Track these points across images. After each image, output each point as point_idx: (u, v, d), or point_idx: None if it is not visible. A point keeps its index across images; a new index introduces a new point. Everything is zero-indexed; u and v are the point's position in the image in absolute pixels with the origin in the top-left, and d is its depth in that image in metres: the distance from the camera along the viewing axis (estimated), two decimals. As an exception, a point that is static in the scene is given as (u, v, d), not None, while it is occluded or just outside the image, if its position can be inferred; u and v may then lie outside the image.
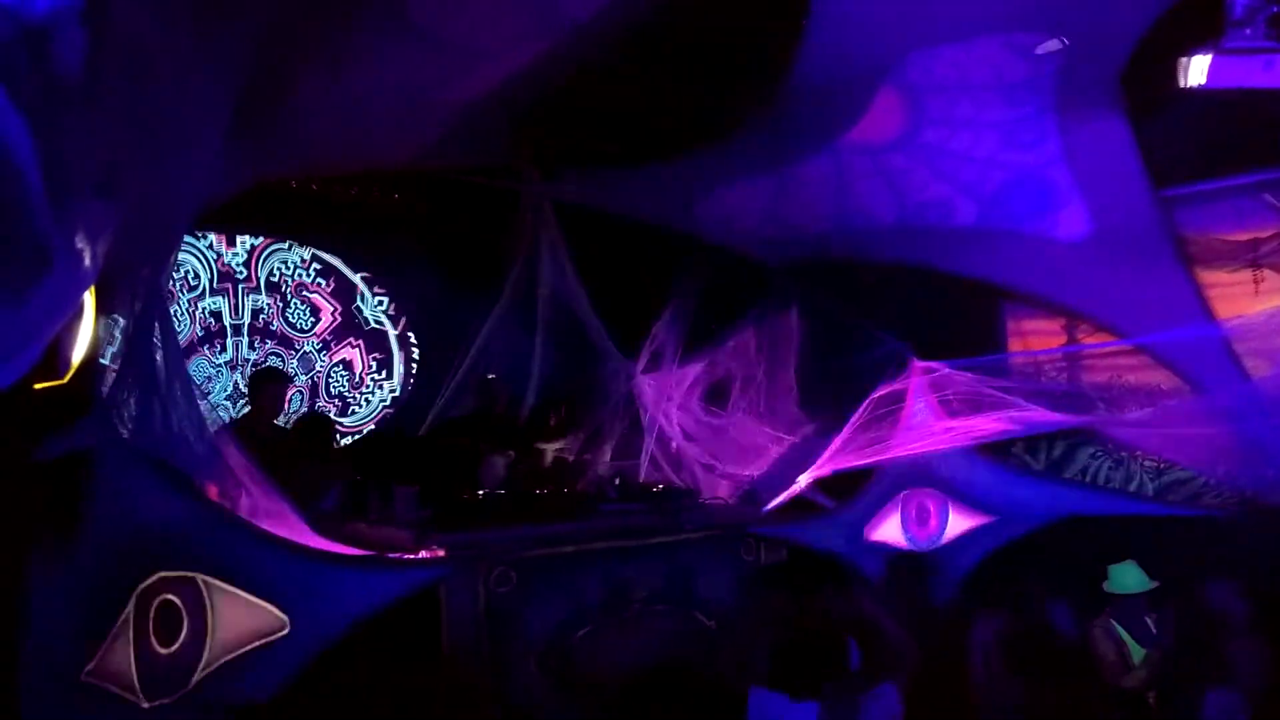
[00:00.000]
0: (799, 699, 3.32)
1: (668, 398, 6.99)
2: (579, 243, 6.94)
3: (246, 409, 5.79)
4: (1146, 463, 6.08)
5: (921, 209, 5.71)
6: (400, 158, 5.42)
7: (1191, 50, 3.80)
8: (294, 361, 7.34)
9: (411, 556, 4.59)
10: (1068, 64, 4.74)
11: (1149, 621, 4.68)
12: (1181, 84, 3.86)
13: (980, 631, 4.04)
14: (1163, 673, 4.19)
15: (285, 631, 3.77)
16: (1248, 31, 3.62)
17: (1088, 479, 6.30)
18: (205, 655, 3.52)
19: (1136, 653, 4.65)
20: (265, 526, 4.14)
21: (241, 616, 3.67)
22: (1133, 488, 6.12)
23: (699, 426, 7.02)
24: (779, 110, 5.18)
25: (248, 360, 7.13)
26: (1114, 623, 4.73)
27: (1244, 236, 5.51)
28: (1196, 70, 3.76)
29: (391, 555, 4.57)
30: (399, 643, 4.41)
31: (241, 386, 6.95)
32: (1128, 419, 6.01)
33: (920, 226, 5.80)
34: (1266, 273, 5.44)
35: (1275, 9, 3.59)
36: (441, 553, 4.59)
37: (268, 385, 5.56)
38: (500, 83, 4.54)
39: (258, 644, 3.71)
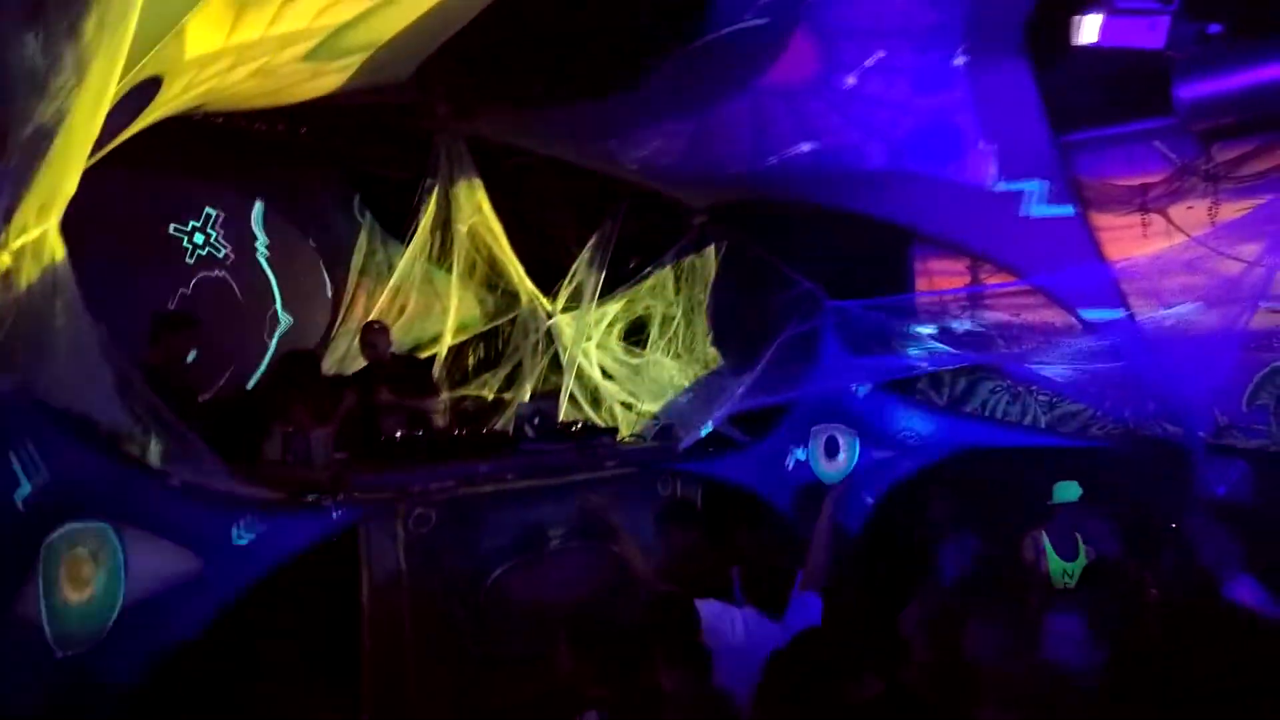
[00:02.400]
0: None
1: (587, 336, 7.07)
2: (496, 180, 6.87)
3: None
4: (1040, 397, 6.40)
5: (835, 152, 5.81)
6: (308, 93, 5.23)
7: (1086, 8, 3.93)
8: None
9: (329, 499, 4.59)
10: (976, 12, 4.84)
11: (1077, 536, 5.08)
12: (1075, 41, 4.00)
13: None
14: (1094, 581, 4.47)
15: (200, 577, 3.76)
16: (1136, -7, 3.77)
17: (987, 413, 6.61)
18: (119, 603, 3.50)
19: (1054, 564, 5.07)
20: (178, 471, 4.09)
21: (154, 563, 3.64)
22: (1028, 420, 6.45)
23: (618, 365, 7.13)
24: (698, 51, 5.18)
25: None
26: (1042, 534, 5.13)
27: (1135, 182, 5.75)
28: (1089, 28, 3.91)
29: (309, 498, 4.56)
30: (319, 585, 4.46)
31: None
32: (1024, 355, 6.31)
33: (834, 169, 5.91)
34: (1153, 217, 5.71)
35: (1162, -29, 3.74)
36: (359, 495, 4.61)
37: (175, 330, 5.35)
38: (415, 19, 4.43)
39: (172, 590, 3.69)
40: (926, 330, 6.36)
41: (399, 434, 5.45)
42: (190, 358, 5.67)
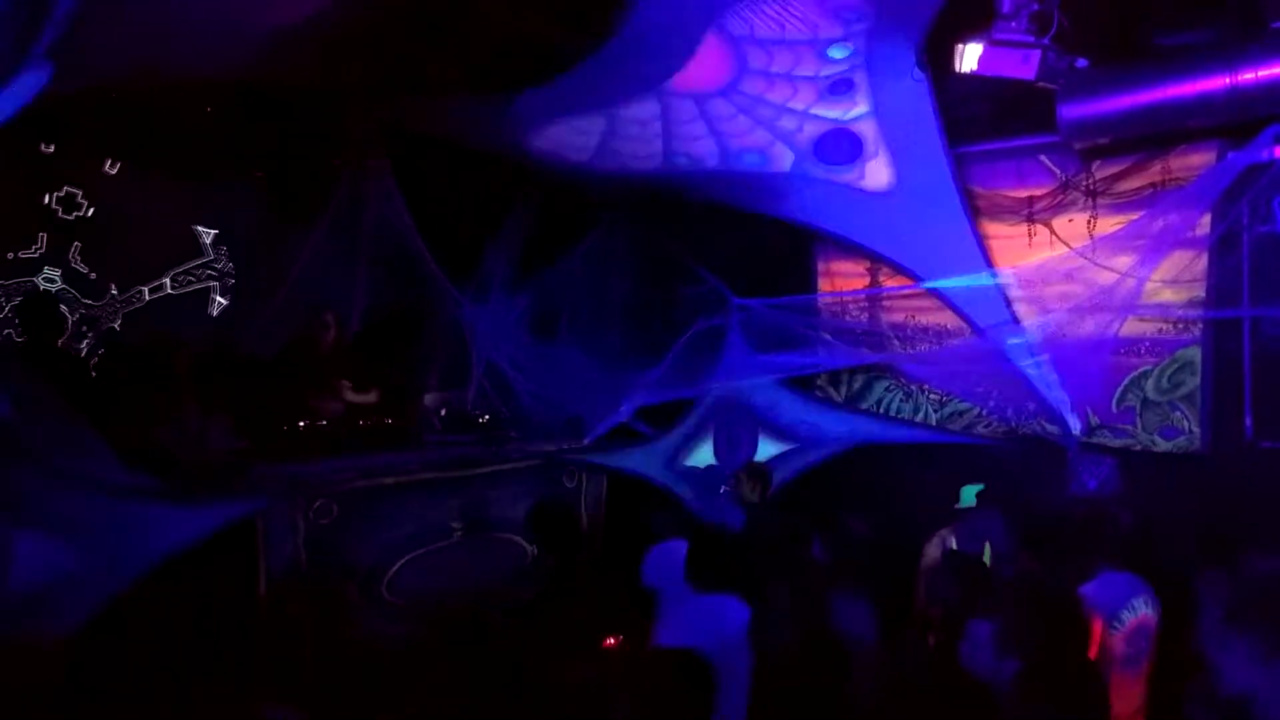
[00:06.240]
0: None
1: (497, 327, 7.06)
2: (408, 167, 6.81)
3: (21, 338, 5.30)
4: (932, 395, 6.69)
5: (742, 154, 5.95)
6: (215, 74, 5.12)
7: (967, 37, 4.14)
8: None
9: (226, 488, 4.54)
10: (877, 27, 5.02)
11: (984, 536, 4.88)
12: (957, 68, 4.21)
13: None
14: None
15: (86, 568, 3.69)
16: (1013, 25, 3.98)
17: (881, 410, 6.89)
18: (3, 594, 3.41)
19: None
20: (66, 458, 3.98)
21: (39, 554, 3.56)
22: (919, 418, 6.74)
23: (527, 356, 7.14)
24: (611, 49, 5.24)
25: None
26: (950, 535, 4.96)
27: (1022, 193, 6.06)
28: (970, 57, 4.11)
29: (206, 487, 4.50)
30: (216, 576, 4.40)
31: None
32: (917, 356, 6.60)
33: (740, 171, 6.06)
34: (1038, 227, 6.03)
35: (1037, 6, 3.96)
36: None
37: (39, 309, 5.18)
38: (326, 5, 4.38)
39: (57, 581, 3.62)
40: (827, 329, 6.60)
41: (302, 423, 5.40)
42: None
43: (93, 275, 6.79)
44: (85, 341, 6.71)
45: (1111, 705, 3.45)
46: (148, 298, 7.01)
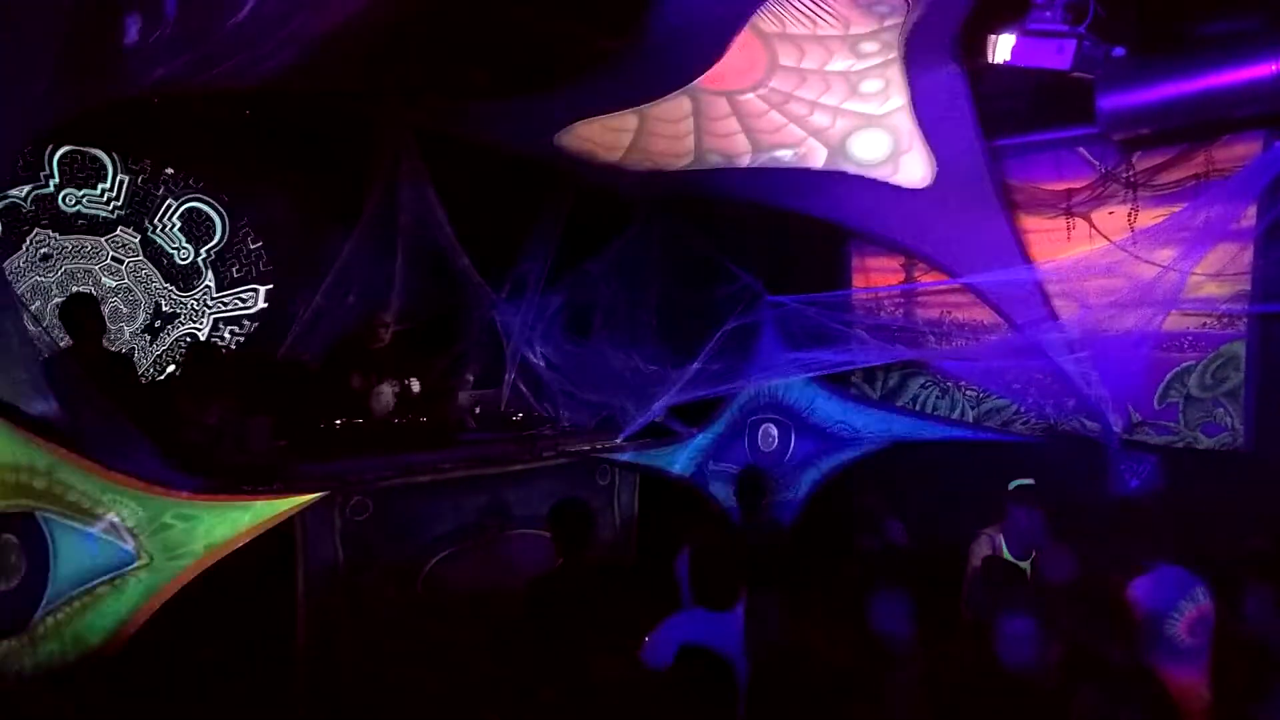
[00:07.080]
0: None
1: (531, 326, 7.11)
2: (443, 169, 6.87)
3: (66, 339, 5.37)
4: (968, 392, 6.61)
5: (774, 151, 5.92)
6: (250, 82, 5.20)
7: (1000, 28, 4.08)
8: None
9: (264, 488, 4.61)
10: (912, 19, 4.97)
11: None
12: (990, 59, 4.15)
13: None
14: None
15: (132, 566, 3.78)
16: (1048, 14, 3.92)
17: (917, 407, 6.82)
18: (47, 593, 3.50)
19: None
20: (108, 458, 4.07)
21: (85, 553, 3.65)
22: (956, 415, 6.66)
23: (561, 355, 7.18)
24: (641, 47, 5.24)
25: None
26: (997, 535, 4.83)
27: (1060, 186, 5.96)
28: (1003, 48, 4.05)
29: (244, 487, 4.57)
30: (255, 573, 4.48)
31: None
32: (954, 352, 6.52)
33: (773, 167, 6.02)
34: (1077, 221, 5.93)
35: (1073, -6, 3.89)
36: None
37: (83, 310, 5.30)
38: (361, 9, 4.43)
39: (103, 580, 3.70)
40: (862, 326, 6.54)
41: (339, 422, 5.47)
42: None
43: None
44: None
45: (1179, 703, 3.38)
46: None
